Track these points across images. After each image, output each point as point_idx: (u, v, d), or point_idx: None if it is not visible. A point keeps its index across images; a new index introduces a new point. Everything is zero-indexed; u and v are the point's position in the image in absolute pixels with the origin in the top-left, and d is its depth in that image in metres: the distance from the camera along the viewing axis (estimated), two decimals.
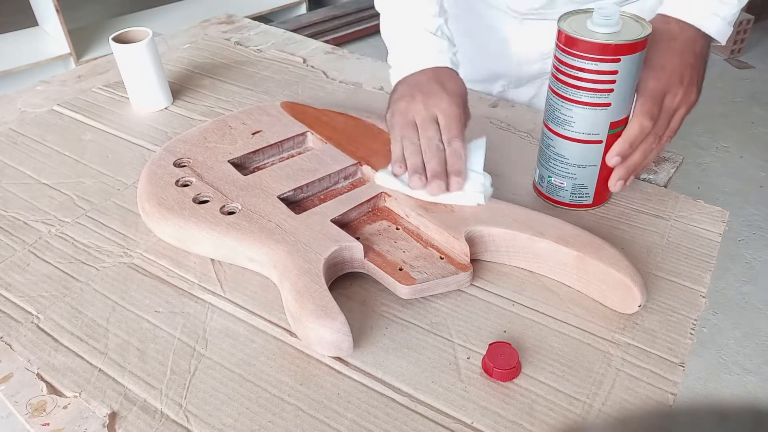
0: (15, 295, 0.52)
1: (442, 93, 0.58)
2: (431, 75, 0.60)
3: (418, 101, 0.58)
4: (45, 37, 2.26)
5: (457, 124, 0.57)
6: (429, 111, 0.57)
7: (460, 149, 0.56)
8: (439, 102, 0.57)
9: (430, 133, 0.56)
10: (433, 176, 0.55)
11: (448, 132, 0.57)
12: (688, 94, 0.58)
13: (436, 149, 0.56)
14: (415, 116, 0.57)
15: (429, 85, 0.59)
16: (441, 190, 0.54)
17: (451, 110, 0.57)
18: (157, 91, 0.76)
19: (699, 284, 0.52)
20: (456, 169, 0.55)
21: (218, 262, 0.54)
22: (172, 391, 0.44)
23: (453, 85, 0.59)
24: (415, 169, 0.56)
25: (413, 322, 0.49)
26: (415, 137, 0.57)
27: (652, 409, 0.42)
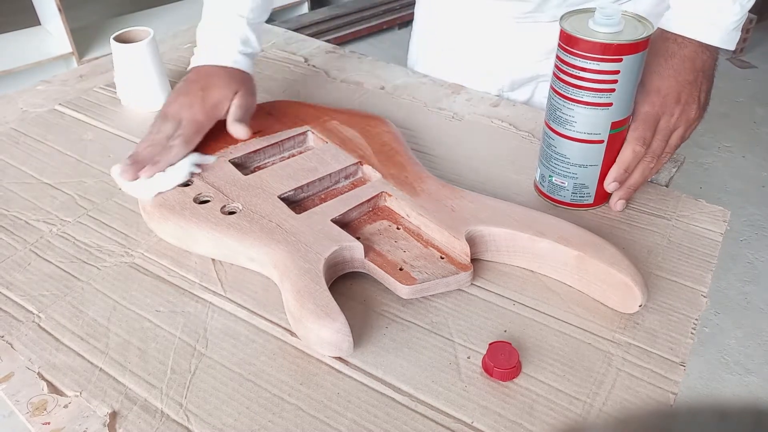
0: (16, 294, 0.52)
1: (198, 98, 0.62)
2: (203, 76, 0.64)
3: (179, 101, 0.62)
4: (47, 36, 2.26)
5: (190, 128, 0.61)
6: (178, 112, 0.61)
7: (175, 148, 0.59)
8: (190, 106, 0.62)
9: (165, 129, 0.60)
10: (134, 162, 0.58)
11: (179, 132, 0.60)
12: (687, 113, 0.58)
13: (158, 143, 0.59)
14: (168, 111, 0.62)
15: (195, 86, 0.63)
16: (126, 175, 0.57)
17: (192, 115, 0.61)
18: (158, 91, 0.76)
19: (700, 284, 0.52)
20: (155, 160, 0.58)
21: (219, 262, 0.54)
22: (172, 390, 0.44)
23: (215, 91, 0.63)
24: (132, 155, 0.59)
25: (414, 322, 0.49)
26: (158, 128, 0.61)
27: (653, 409, 0.42)
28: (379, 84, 0.81)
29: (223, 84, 0.63)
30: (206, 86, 0.63)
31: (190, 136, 0.60)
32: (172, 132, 0.60)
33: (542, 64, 0.77)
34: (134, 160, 0.58)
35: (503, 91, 0.81)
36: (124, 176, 0.57)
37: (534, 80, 0.80)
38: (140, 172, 0.57)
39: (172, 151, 0.59)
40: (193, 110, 0.61)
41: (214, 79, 0.63)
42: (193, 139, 0.61)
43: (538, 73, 0.79)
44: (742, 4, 0.58)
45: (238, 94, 0.64)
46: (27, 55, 2.15)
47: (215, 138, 0.64)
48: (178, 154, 0.59)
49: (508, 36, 0.77)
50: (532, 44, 0.76)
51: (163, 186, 0.57)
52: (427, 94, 0.79)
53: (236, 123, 0.63)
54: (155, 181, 0.57)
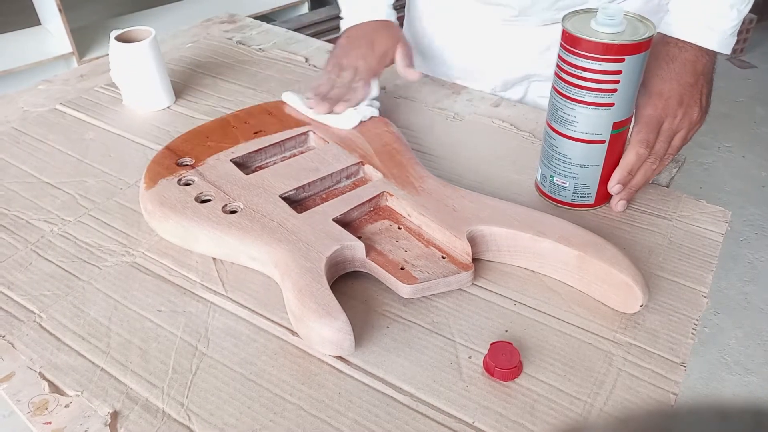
0: (17, 293, 0.52)
1: (368, 49, 0.71)
2: (366, 31, 0.73)
3: (351, 53, 0.71)
4: (47, 36, 2.26)
5: (367, 73, 0.70)
6: (353, 62, 0.71)
7: (359, 89, 0.69)
8: (363, 56, 0.71)
9: (346, 75, 0.70)
10: (326, 99, 0.68)
11: (359, 77, 0.70)
12: (689, 115, 0.59)
13: (342, 86, 0.69)
14: (343, 62, 0.71)
15: (362, 40, 0.72)
16: (322, 108, 0.67)
17: (367, 64, 0.70)
18: (159, 91, 0.76)
19: (701, 284, 0.52)
20: (347, 98, 0.68)
21: (220, 261, 0.54)
22: (173, 390, 0.44)
23: (380, 42, 0.72)
24: (319, 93, 0.68)
25: (415, 322, 0.49)
26: (336, 75, 0.71)
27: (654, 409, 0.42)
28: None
29: (386, 35, 0.73)
30: (372, 39, 0.72)
31: (368, 79, 0.70)
32: (352, 77, 0.70)
33: (534, 64, 0.78)
34: (325, 97, 0.67)
35: (495, 92, 0.82)
36: (319, 109, 0.66)
37: (526, 80, 0.81)
38: (335, 107, 0.67)
39: (357, 92, 0.69)
40: (367, 60, 0.71)
41: (378, 32, 0.73)
42: (370, 82, 0.71)
43: (530, 72, 0.79)
44: (739, 9, 0.59)
45: (400, 43, 0.73)
46: (27, 55, 2.15)
47: (224, 137, 0.64)
48: (362, 94, 0.69)
49: (499, 37, 0.77)
50: (522, 45, 0.77)
51: (356, 119, 0.66)
52: (427, 94, 0.79)
53: (408, 69, 0.72)
54: (348, 114, 0.66)
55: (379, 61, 0.71)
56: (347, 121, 0.66)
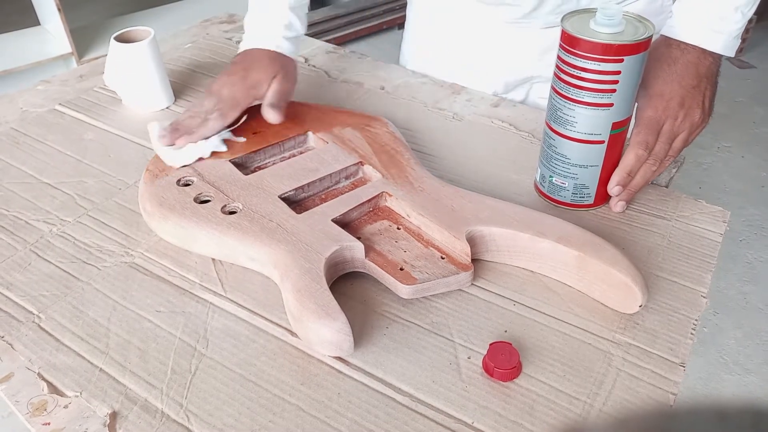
0: (16, 294, 0.52)
1: (239, 78, 0.66)
2: (248, 59, 0.68)
3: (221, 79, 0.66)
4: (46, 36, 2.26)
5: (227, 104, 0.64)
6: (219, 89, 0.65)
7: (211, 121, 0.63)
8: (231, 84, 0.66)
9: (206, 104, 0.64)
10: (174, 129, 0.62)
11: (217, 106, 0.64)
12: (690, 117, 0.58)
13: (196, 116, 0.64)
14: (213, 87, 0.66)
15: (238, 67, 0.67)
16: (163, 140, 0.62)
17: (231, 93, 0.65)
18: (159, 91, 0.76)
19: (700, 284, 0.52)
20: (192, 131, 0.62)
21: (219, 262, 0.54)
22: (173, 390, 0.44)
23: (255, 72, 0.67)
24: (173, 122, 0.63)
25: (414, 322, 0.49)
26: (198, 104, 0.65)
27: (653, 409, 0.42)
28: (379, 84, 0.81)
29: (264, 67, 0.67)
30: (248, 68, 0.67)
31: (226, 111, 0.64)
32: (212, 107, 0.64)
33: (536, 66, 0.78)
34: (174, 128, 0.62)
35: (497, 93, 0.81)
36: (162, 141, 0.61)
37: (528, 82, 0.80)
38: (177, 140, 0.62)
39: (207, 124, 0.63)
40: (233, 88, 0.65)
41: (257, 61, 0.67)
42: (229, 114, 0.64)
43: (532, 74, 0.79)
44: (743, 12, 0.59)
45: (276, 78, 0.66)
46: (27, 55, 2.15)
47: None
48: (213, 128, 0.63)
49: (501, 39, 0.77)
50: (525, 46, 0.76)
51: (189, 157, 0.61)
52: (427, 94, 0.79)
53: (269, 107, 0.66)
54: (185, 150, 0.61)
55: (246, 93, 0.65)
56: (176, 158, 0.60)
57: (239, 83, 0.65)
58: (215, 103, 0.64)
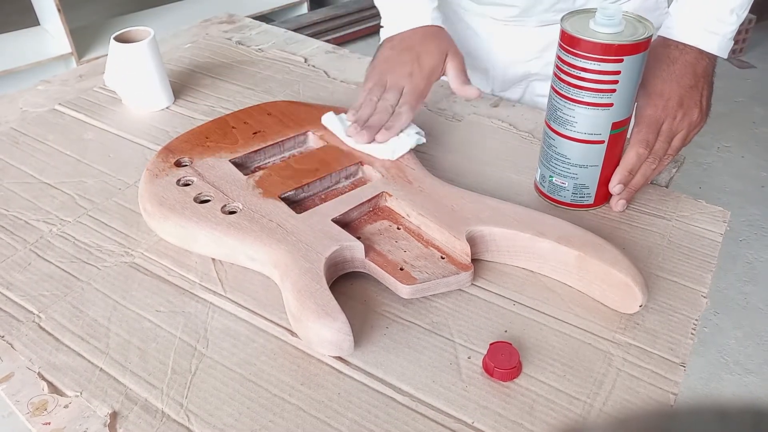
0: (16, 294, 0.52)
1: (415, 65, 0.64)
2: (412, 42, 0.66)
3: (395, 70, 0.64)
4: (46, 36, 2.26)
5: (413, 96, 0.63)
6: (398, 80, 0.64)
7: (404, 114, 0.62)
8: (408, 74, 0.64)
9: (389, 97, 0.63)
10: (367, 126, 0.61)
11: (404, 100, 0.63)
12: (689, 116, 0.59)
13: (385, 110, 0.62)
14: (386, 80, 0.64)
15: (407, 54, 0.65)
16: (362, 138, 0.61)
17: (414, 84, 0.64)
18: (159, 91, 0.76)
19: (700, 284, 0.52)
20: (390, 125, 0.61)
21: (219, 262, 0.54)
22: (173, 390, 0.44)
23: (428, 56, 0.65)
24: (359, 119, 0.62)
25: (414, 322, 0.49)
26: (378, 96, 0.64)
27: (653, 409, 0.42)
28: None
29: (434, 48, 0.65)
30: (419, 53, 0.64)
31: (414, 104, 0.63)
32: (395, 100, 0.63)
33: (532, 64, 0.78)
34: (365, 125, 0.61)
35: (495, 91, 0.82)
36: (359, 139, 0.61)
37: (525, 80, 0.81)
38: (377, 136, 0.61)
39: (402, 118, 0.62)
40: (413, 79, 0.63)
41: (424, 45, 0.65)
42: (417, 105, 0.64)
43: (529, 72, 0.79)
44: (738, 14, 0.60)
45: (449, 55, 0.65)
46: (26, 55, 2.15)
47: (224, 137, 0.64)
48: (407, 120, 0.62)
49: (497, 37, 0.77)
50: (522, 45, 0.77)
51: (403, 148, 0.61)
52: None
53: (465, 86, 0.65)
54: (392, 143, 0.61)
55: (428, 81, 0.65)
56: (391, 152, 0.60)
57: (417, 72, 0.64)
58: (397, 96, 0.63)
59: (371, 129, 0.61)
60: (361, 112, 0.63)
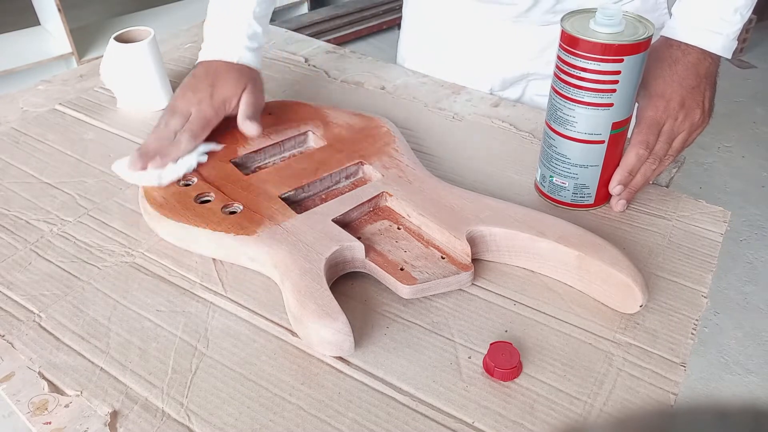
0: (17, 293, 0.52)
1: (206, 94, 0.62)
2: (213, 71, 0.64)
3: (187, 96, 0.63)
4: (47, 36, 2.26)
5: (197, 123, 0.61)
6: (187, 107, 0.62)
7: (183, 142, 0.60)
8: (198, 102, 0.62)
9: (173, 123, 0.61)
10: (143, 153, 0.59)
11: (187, 126, 0.61)
12: (690, 117, 0.59)
13: (166, 138, 0.60)
14: (177, 105, 0.62)
15: (203, 82, 0.63)
16: (135, 166, 0.59)
17: (201, 112, 0.61)
18: (159, 91, 0.76)
19: (700, 284, 0.52)
20: (163, 152, 0.59)
21: (220, 262, 0.54)
22: (173, 390, 0.44)
23: (222, 87, 0.63)
24: (141, 148, 0.60)
25: (414, 322, 0.49)
26: (164, 124, 0.61)
27: (654, 409, 0.42)
28: (379, 84, 0.81)
29: (232, 80, 0.64)
30: (214, 82, 0.63)
31: (197, 131, 0.61)
32: (179, 126, 0.61)
33: (533, 63, 0.78)
34: (142, 153, 0.59)
35: (494, 90, 0.82)
36: (133, 167, 0.58)
37: (525, 78, 0.81)
38: (149, 164, 0.58)
39: (180, 145, 0.60)
40: (201, 106, 0.62)
41: (223, 75, 0.64)
42: (201, 134, 0.61)
43: (529, 71, 0.79)
44: (742, 14, 0.60)
45: (246, 90, 0.64)
46: (27, 55, 2.15)
47: (223, 137, 0.64)
48: (186, 148, 0.60)
49: (498, 36, 0.77)
50: (522, 44, 0.77)
51: (172, 175, 0.58)
52: (427, 94, 0.79)
53: (246, 121, 0.63)
54: (165, 171, 0.59)
55: (217, 111, 0.62)
56: (158, 177, 0.58)
57: (207, 100, 0.62)
58: (183, 122, 0.61)
59: (145, 156, 0.59)
60: (147, 141, 0.61)
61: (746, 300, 1.53)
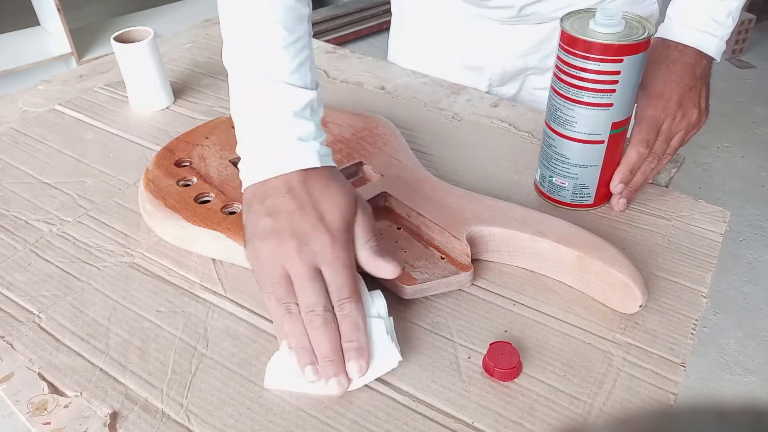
0: (16, 294, 0.52)
1: (320, 228, 0.43)
2: (302, 196, 0.44)
3: (289, 245, 0.42)
4: (46, 36, 2.26)
5: (345, 274, 0.43)
6: (306, 263, 0.42)
7: (355, 314, 0.42)
8: (319, 246, 0.42)
9: (311, 298, 0.42)
10: (328, 365, 0.41)
11: (337, 291, 0.43)
12: (688, 117, 0.60)
13: (323, 324, 0.42)
14: (288, 268, 0.43)
15: (300, 215, 0.43)
16: (342, 387, 0.42)
17: (335, 255, 0.42)
18: (159, 91, 0.76)
19: (700, 284, 0.52)
20: (354, 346, 0.42)
21: (219, 262, 0.54)
22: (173, 390, 0.44)
23: (334, 209, 0.44)
24: (304, 355, 0.42)
25: (414, 322, 0.49)
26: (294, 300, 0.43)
27: (653, 409, 0.42)
28: (379, 84, 0.81)
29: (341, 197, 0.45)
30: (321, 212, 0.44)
31: (353, 289, 0.43)
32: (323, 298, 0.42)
33: (529, 58, 0.79)
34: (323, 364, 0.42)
35: (492, 87, 0.82)
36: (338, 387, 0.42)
37: (522, 74, 0.81)
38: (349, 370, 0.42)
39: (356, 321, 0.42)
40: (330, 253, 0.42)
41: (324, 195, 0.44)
42: (356, 291, 0.43)
43: (527, 66, 0.80)
44: (733, 18, 0.62)
45: (359, 207, 0.46)
46: (26, 55, 2.15)
47: (218, 139, 0.64)
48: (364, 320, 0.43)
49: (494, 33, 0.78)
50: (518, 40, 0.77)
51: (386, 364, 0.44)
52: (427, 94, 0.79)
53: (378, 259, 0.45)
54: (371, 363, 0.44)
55: (347, 247, 0.44)
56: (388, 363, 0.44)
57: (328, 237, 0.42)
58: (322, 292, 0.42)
59: (330, 365, 0.41)
60: (296, 341, 0.42)
61: (746, 300, 1.53)
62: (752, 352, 1.41)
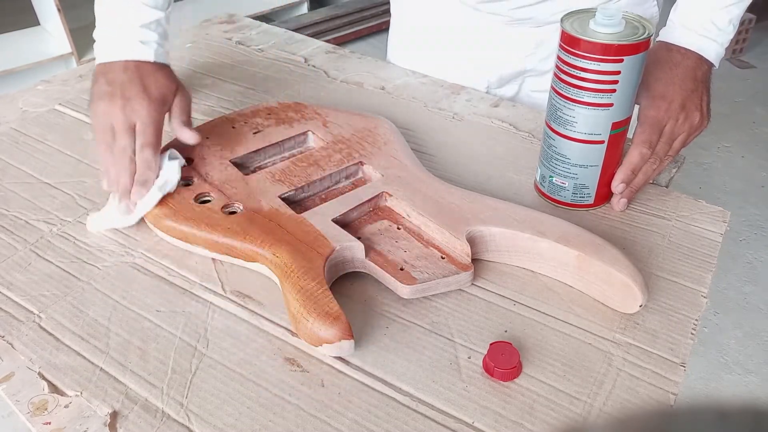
0: (16, 294, 0.52)
1: (143, 97, 0.56)
2: (133, 73, 0.58)
3: (117, 105, 0.56)
4: (46, 36, 2.26)
5: (152, 130, 0.56)
6: (126, 117, 0.55)
7: (150, 157, 0.55)
8: (138, 108, 0.56)
9: (123, 142, 0.55)
10: (123, 193, 0.55)
11: (141, 138, 0.55)
12: (690, 119, 0.60)
13: (129, 162, 0.55)
14: (113, 122, 0.56)
15: (130, 86, 0.57)
16: (128, 210, 0.55)
17: (149, 116, 0.56)
18: None
19: (700, 284, 0.52)
20: (142, 179, 0.54)
21: (219, 262, 0.54)
22: (173, 390, 0.44)
23: (155, 85, 0.58)
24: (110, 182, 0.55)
25: (414, 322, 0.49)
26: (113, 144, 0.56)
27: (653, 409, 0.42)
28: (379, 84, 0.81)
29: (163, 80, 0.59)
30: (146, 85, 0.57)
31: (155, 141, 0.56)
32: (130, 143, 0.55)
33: (528, 59, 0.79)
34: (121, 192, 0.55)
35: (491, 88, 0.82)
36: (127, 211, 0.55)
37: (521, 75, 0.81)
38: (134, 198, 0.55)
39: (150, 163, 0.55)
40: (143, 111, 0.56)
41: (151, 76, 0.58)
42: (159, 143, 0.57)
43: (525, 67, 0.80)
44: (734, 25, 0.62)
45: (179, 91, 0.60)
46: (26, 55, 2.15)
47: (218, 139, 0.64)
48: (157, 164, 0.56)
49: (493, 35, 0.78)
50: (517, 42, 0.77)
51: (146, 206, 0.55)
52: (427, 94, 0.79)
53: (184, 127, 0.59)
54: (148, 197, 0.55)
55: (159, 110, 0.57)
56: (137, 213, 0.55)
57: (145, 104, 0.56)
58: (131, 139, 0.55)
59: (126, 193, 0.54)
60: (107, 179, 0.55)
61: (746, 300, 1.53)
62: (752, 352, 1.41)
